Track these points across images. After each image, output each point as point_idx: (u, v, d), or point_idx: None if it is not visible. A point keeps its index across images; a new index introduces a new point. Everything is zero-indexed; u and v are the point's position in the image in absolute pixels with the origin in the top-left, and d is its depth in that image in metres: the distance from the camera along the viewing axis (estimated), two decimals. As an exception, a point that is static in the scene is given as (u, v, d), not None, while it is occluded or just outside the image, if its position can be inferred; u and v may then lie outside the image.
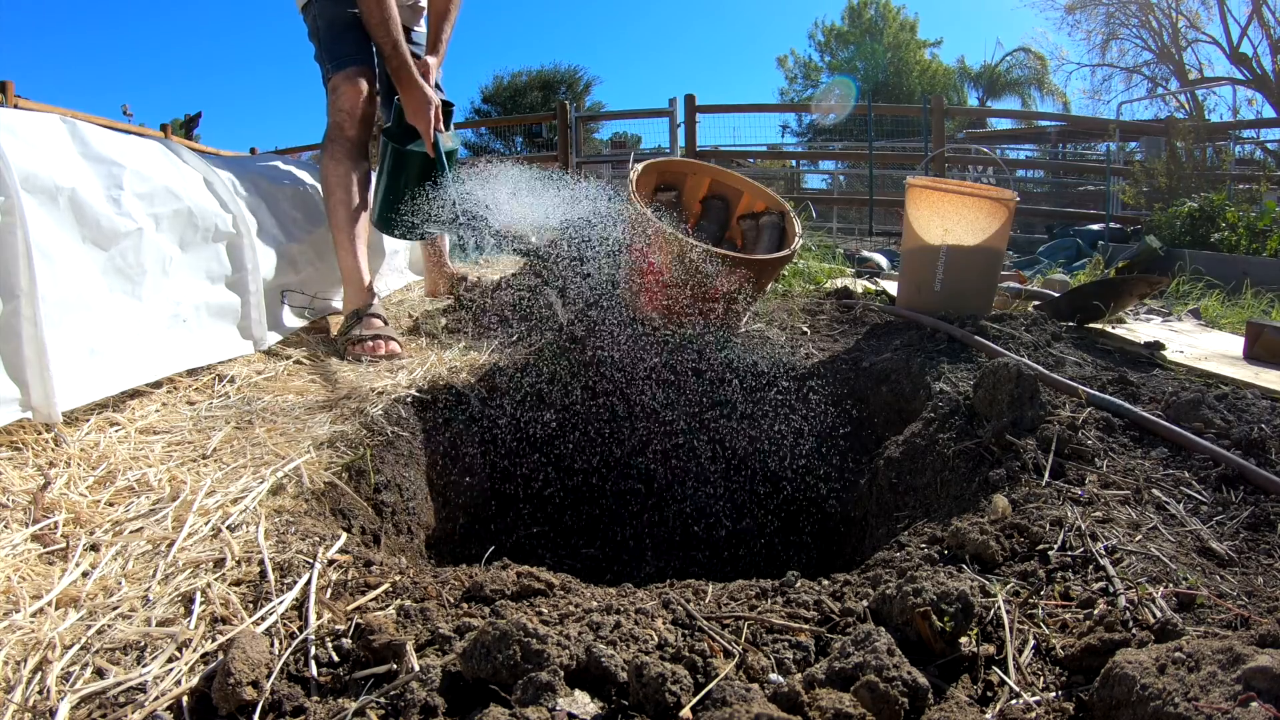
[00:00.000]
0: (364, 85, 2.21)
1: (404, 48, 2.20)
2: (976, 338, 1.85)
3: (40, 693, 0.69)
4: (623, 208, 2.21)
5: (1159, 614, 0.76)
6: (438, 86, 2.38)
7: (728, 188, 2.55)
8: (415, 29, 2.58)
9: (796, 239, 2.26)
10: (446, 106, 2.35)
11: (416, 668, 0.69)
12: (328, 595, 0.84)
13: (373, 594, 0.85)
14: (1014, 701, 0.67)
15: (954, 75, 23.11)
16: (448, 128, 2.38)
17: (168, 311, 1.70)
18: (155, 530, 1.01)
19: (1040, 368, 1.58)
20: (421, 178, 2.27)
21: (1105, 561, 0.88)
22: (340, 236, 2.22)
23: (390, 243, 3.12)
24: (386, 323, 2.15)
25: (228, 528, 1.01)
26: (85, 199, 1.45)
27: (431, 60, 2.37)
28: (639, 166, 2.38)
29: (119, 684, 0.70)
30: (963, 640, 0.73)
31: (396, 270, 3.35)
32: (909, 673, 0.64)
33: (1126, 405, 1.37)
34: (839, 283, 3.04)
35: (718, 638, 0.75)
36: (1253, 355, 2.10)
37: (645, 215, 2.07)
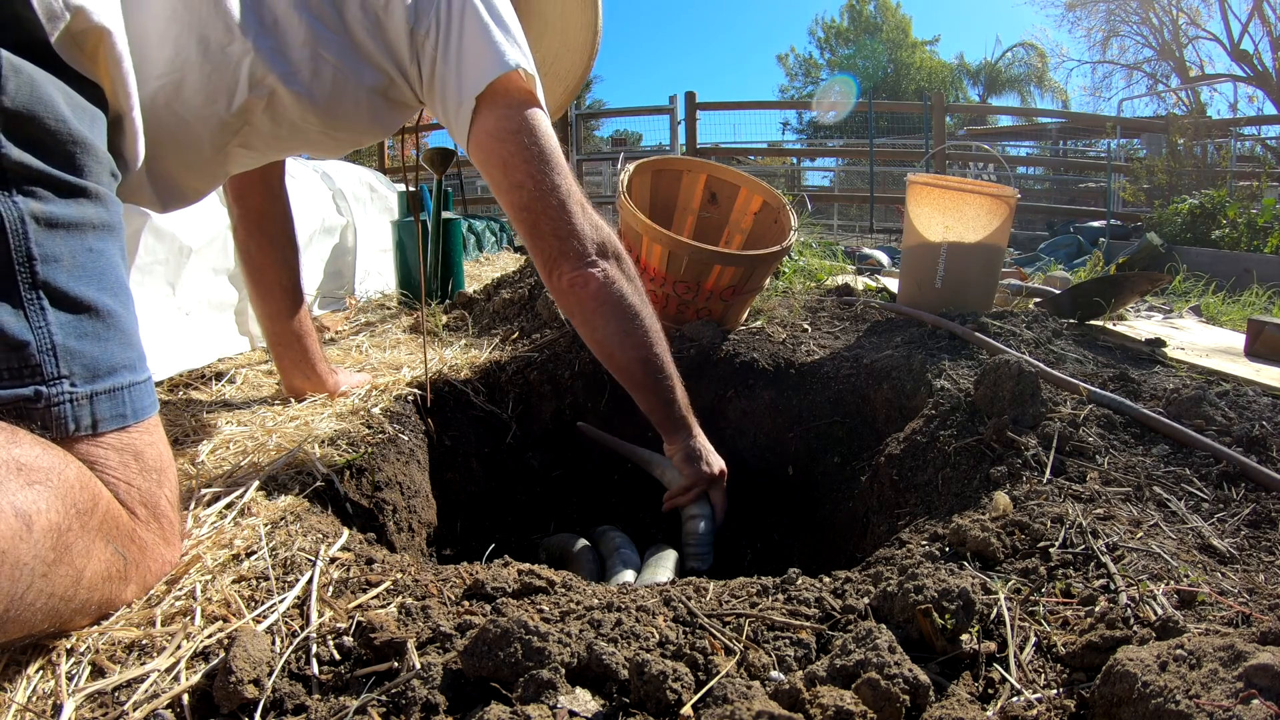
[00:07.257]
0: None
1: None
2: (977, 334, 1.85)
3: (42, 692, 0.70)
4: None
5: (1160, 611, 0.76)
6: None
7: (724, 184, 2.55)
8: None
9: (791, 233, 2.26)
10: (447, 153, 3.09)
11: (418, 666, 0.69)
12: (329, 593, 0.84)
13: (374, 592, 0.85)
14: (1015, 699, 0.67)
15: (953, 71, 23.07)
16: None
17: (171, 305, 1.70)
18: (156, 528, 1.01)
19: (1041, 364, 1.58)
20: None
21: (1106, 559, 0.88)
22: None
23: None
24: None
25: (228, 525, 1.01)
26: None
27: None
28: (630, 167, 2.38)
29: (121, 682, 0.70)
30: (964, 637, 0.73)
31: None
32: (910, 670, 0.64)
33: (1127, 402, 1.36)
34: (840, 280, 3.04)
35: (719, 635, 0.75)
36: (1254, 352, 2.10)
37: (636, 215, 2.07)
